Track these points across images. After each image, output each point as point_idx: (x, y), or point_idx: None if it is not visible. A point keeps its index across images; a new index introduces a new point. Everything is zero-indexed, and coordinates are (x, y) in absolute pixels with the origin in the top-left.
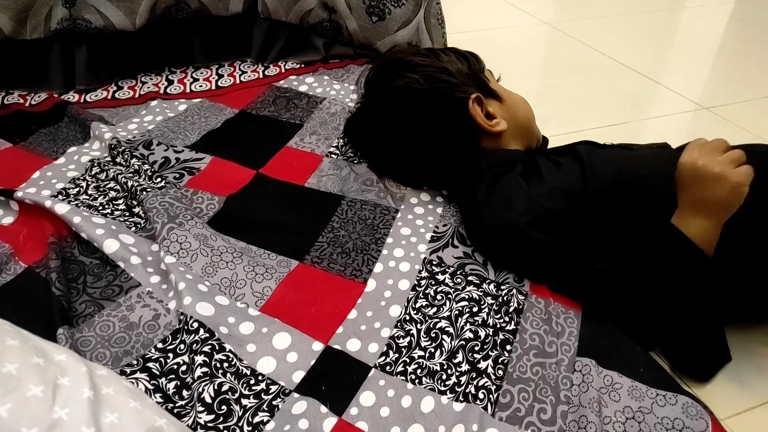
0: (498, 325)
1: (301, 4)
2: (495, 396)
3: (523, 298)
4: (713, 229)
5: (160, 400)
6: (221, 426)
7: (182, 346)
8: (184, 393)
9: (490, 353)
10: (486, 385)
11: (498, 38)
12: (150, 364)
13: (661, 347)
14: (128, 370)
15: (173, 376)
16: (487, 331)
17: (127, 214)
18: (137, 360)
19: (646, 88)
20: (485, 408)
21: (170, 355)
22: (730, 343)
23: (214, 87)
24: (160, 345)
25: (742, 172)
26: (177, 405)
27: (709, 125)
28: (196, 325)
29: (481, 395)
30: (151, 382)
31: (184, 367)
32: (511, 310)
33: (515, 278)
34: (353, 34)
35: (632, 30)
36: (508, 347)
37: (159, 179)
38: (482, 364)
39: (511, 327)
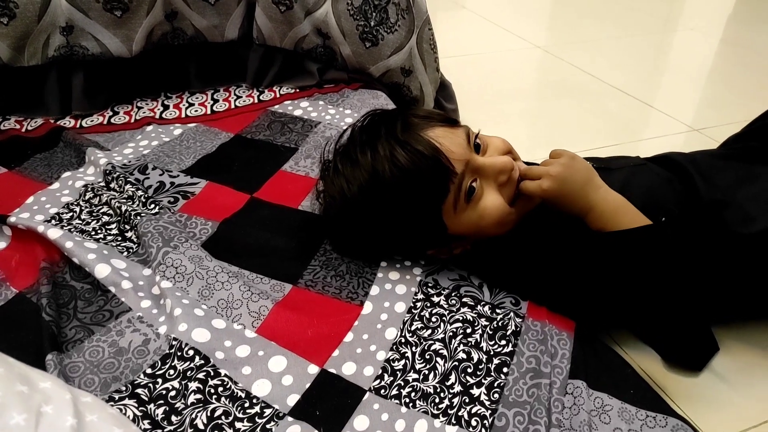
0: (492, 351)
1: (296, 30)
2: (490, 420)
3: (520, 321)
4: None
5: (148, 426)
6: None
7: (172, 371)
8: (173, 418)
9: (483, 380)
10: (479, 412)
11: (490, 62)
12: (138, 390)
13: (652, 345)
14: (116, 396)
15: (162, 401)
16: (480, 356)
17: (120, 238)
18: (126, 386)
19: (637, 111)
20: None
21: (159, 380)
22: (723, 364)
23: (209, 112)
24: (149, 370)
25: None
26: (166, 430)
27: (700, 147)
28: (191, 352)
29: (474, 422)
30: (140, 408)
31: (173, 393)
32: (508, 333)
33: (512, 301)
34: (347, 60)
35: (624, 53)
36: (505, 369)
37: (153, 205)
38: (475, 391)
39: (509, 350)
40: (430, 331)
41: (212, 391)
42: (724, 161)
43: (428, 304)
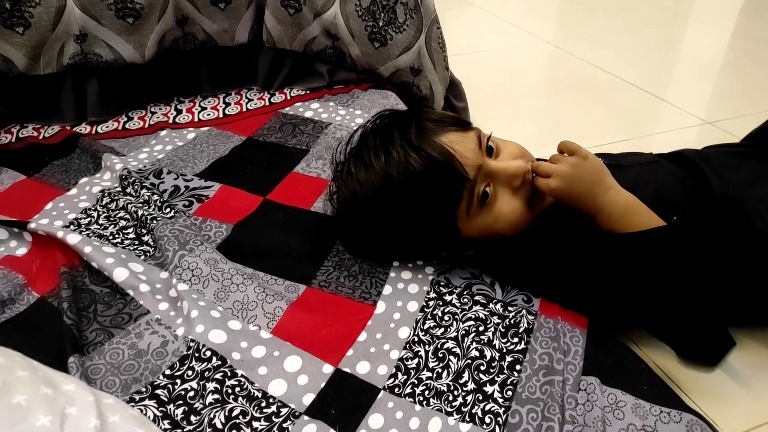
0: (505, 349)
1: (305, 32)
2: (504, 417)
3: (532, 318)
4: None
5: (168, 426)
6: None
7: (190, 372)
8: (192, 418)
9: (496, 378)
10: (493, 409)
11: (500, 58)
12: (158, 391)
13: (667, 341)
14: (137, 398)
15: (181, 402)
16: (493, 354)
17: (137, 242)
18: (146, 387)
19: (649, 105)
20: (492, 431)
21: (178, 381)
22: (737, 360)
23: (221, 115)
24: (168, 371)
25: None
26: (185, 430)
27: (713, 140)
28: (209, 353)
29: (488, 419)
30: (159, 408)
31: (192, 393)
32: (521, 330)
33: (524, 298)
34: (356, 60)
35: (634, 47)
36: (518, 367)
37: (168, 209)
38: (489, 388)
39: (521, 347)
40: (442, 330)
41: (229, 391)
42: (739, 159)
43: (440, 303)
